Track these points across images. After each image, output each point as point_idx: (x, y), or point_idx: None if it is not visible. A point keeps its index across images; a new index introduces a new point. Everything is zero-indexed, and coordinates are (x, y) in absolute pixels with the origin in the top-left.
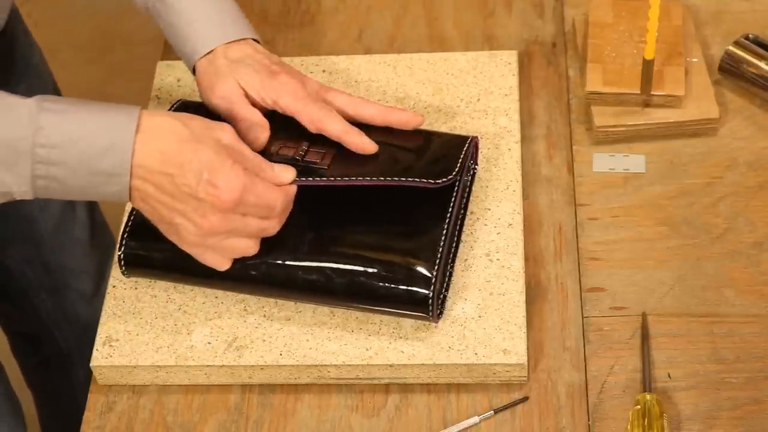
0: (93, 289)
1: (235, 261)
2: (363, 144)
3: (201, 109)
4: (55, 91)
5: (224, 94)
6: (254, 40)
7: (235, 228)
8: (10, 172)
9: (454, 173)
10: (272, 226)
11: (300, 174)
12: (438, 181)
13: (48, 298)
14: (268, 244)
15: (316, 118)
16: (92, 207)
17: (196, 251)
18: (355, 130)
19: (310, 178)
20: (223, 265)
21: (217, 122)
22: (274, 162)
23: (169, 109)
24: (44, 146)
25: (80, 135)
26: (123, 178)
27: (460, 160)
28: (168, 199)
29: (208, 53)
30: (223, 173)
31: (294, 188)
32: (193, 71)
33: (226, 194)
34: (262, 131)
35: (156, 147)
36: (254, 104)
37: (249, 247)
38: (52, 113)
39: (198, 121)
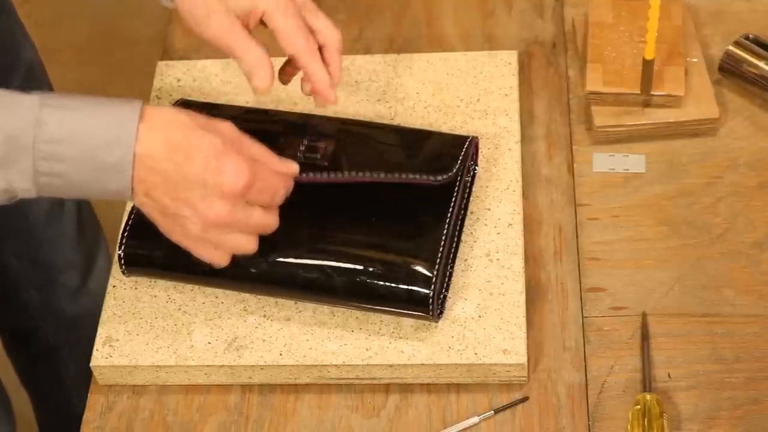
0: (79, 284)
1: (235, 259)
2: (329, 96)
3: (203, 110)
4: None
5: (217, 31)
6: None
7: (238, 220)
8: (13, 169)
9: (455, 170)
10: (273, 222)
11: (301, 171)
12: (438, 178)
13: (35, 293)
14: (268, 243)
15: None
16: (80, 201)
17: (196, 246)
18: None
19: (311, 174)
20: (221, 261)
21: (219, 119)
22: None
23: None
24: (47, 142)
25: (83, 130)
26: (126, 173)
27: (461, 158)
28: (173, 188)
29: None
30: (231, 159)
31: (292, 183)
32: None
33: (234, 179)
34: (265, 74)
35: (162, 136)
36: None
37: (248, 244)
38: (54, 109)
39: (201, 116)
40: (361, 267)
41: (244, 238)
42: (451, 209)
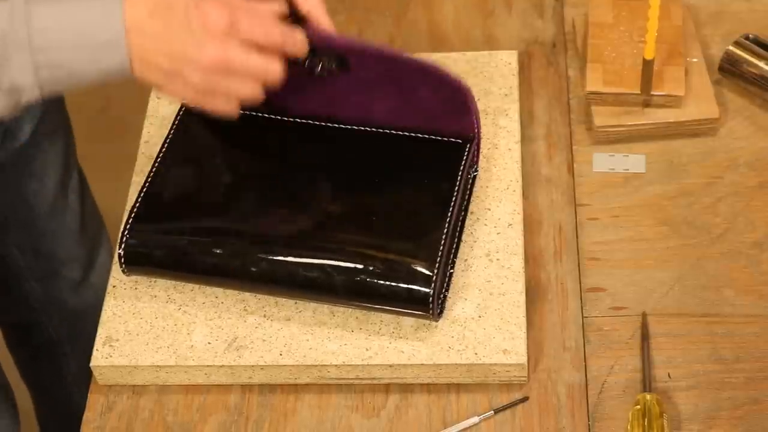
0: (81, 277)
1: (236, 257)
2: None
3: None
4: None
5: None
6: None
7: (234, 60)
8: (13, 67)
9: (473, 123)
10: (274, 68)
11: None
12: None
13: (37, 285)
14: (269, 240)
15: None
16: (83, 194)
17: (203, 98)
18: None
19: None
20: (231, 109)
21: None
22: None
23: (175, 118)
24: (41, 34)
25: (73, 16)
26: (121, 48)
27: (475, 116)
28: (164, 45)
29: None
30: (210, 2)
31: (293, 34)
32: None
33: (216, 17)
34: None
35: (144, 2)
36: None
37: (253, 89)
38: (40, 3)
39: None
40: (361, 266)
41: (247, 84)
42: (451, 209)
